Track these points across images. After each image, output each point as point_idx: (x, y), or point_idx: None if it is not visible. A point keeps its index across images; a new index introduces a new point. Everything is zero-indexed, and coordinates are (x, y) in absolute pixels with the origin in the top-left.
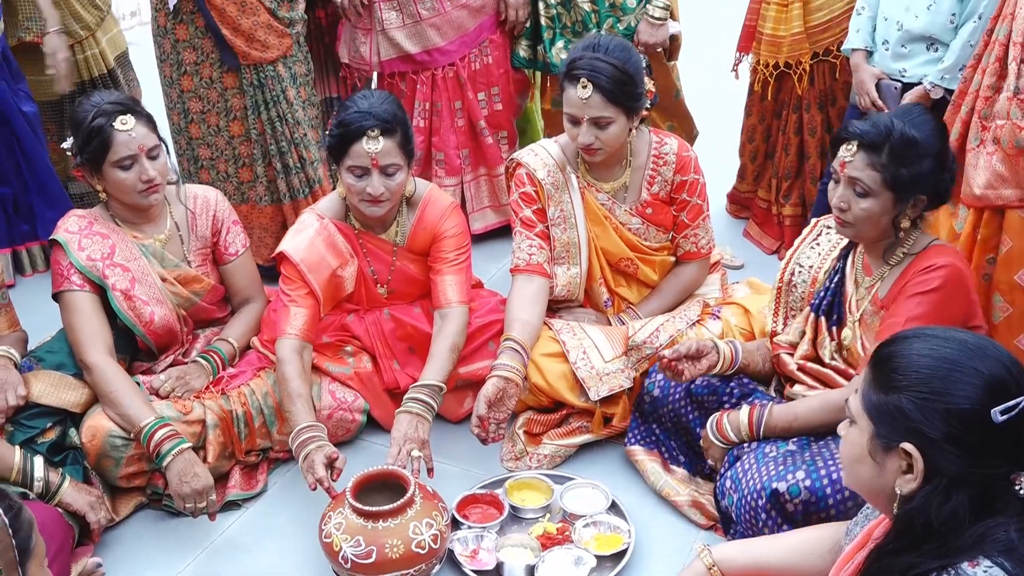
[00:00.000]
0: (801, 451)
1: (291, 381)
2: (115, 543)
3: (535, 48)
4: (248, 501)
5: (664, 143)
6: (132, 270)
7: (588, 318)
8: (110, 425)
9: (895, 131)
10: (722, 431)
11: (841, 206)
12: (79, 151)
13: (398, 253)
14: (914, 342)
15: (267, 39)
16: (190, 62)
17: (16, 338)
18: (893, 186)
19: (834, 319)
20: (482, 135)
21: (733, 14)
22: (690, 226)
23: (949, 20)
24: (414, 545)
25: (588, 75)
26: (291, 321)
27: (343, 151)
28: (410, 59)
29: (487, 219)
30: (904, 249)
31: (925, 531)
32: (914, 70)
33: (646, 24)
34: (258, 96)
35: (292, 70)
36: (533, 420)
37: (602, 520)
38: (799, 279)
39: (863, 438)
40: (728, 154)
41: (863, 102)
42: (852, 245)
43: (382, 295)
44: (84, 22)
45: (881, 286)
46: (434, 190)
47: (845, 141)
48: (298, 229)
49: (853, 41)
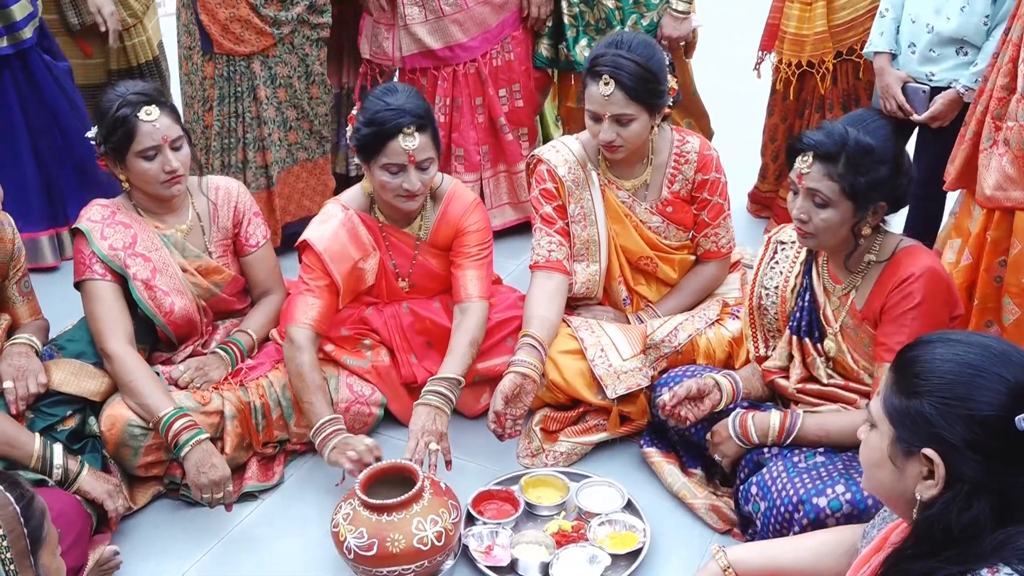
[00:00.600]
0: (832, 462)
1: (308, 372)
2: (132, 532)
3: (556, 47)
4: (265, 492)
5: (686, 141)
6: (153, 260)
7: (607, 316)
8: (129, 414)
9: (850, 139)
10: (745, 430)
11: (801, 217)
12: (103, 140)
13: (420, 247)
14: (937, 347)
15: (242, 33)
16: (186, 46)
17: (38, 326)
18: (852, 195)
19: (816, 336)
20: (502, 132)
21: (749, 12)
22: (710, 225)
23: (983, 22)
24: (416, 541)
25: (611, 72)
26: (306, 311)
27: (377, 149)
28: (432, 55)
29: (505, 216)
30: (872, 256)
31: (945, 537)
32: (943, 74)
33: (669, 18)
34: (225, 88)
35: (272, 70)
36: (550, 417)
37: (617, 519)
38: (768, 301)
39: (883, 442)
40: (749, 153)
41: (889, 106)
42: (813, 256)
43: (403, 289)
44: (132, 9)
45: (856, 296)
46: (458, 185)
47: (800, 152)
48: (323, 219)
49: (877, 44)
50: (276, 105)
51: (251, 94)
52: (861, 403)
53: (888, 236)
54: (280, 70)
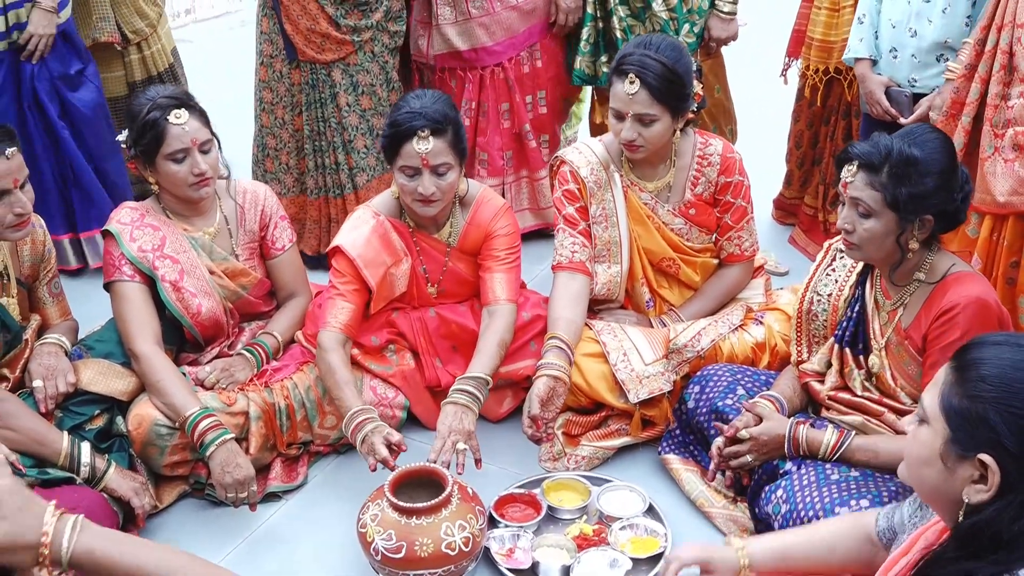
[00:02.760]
0: (865, 480)
1: (338, 370)
2: (158, 530)
3: (596, 63)
4: (288, 493)
5: (709, 144)
6: (181, 262)
7: (629, 320)
8: (156, 414)
9: (894, 150)
10: (797, 444)
11: (846, 227)
12: (133, 143)
13: (451, 253)
14: (1004, 350)
15: (323, 42)
16: (267, 54)
17: (67, 327)
18: (894, 205)
19: (859, 348)
20: (526, 138)
21: (779, 19)
22: (734, 228)
23: (964, 23)
24: (444, 546)
25: (637, 71)
26: (336, 314)
27: (395, 151)
28: (459, 56)
29: (525, 221)
30: (921, 275)
31: (991, 543)
32: (926, 81)
33: (716, 19)
34: (311, 94)
35: (353, 78)
36: (572, 421)
37: (639, 523)
38: (819, 308)
39: (936, 441)
40: (774, 160)
41: (875, 111)
42: (869, 268)
43: (432, 295)
44: (148, 19)
45: (904, 315)
46: (487, 191)
47: (847, 162)
48: (354, 225)
49: (857, 50)
50: (359, 112)
51: (333, 101)
52: (890, 417)
53: (940, 256)
54: (362, 78)
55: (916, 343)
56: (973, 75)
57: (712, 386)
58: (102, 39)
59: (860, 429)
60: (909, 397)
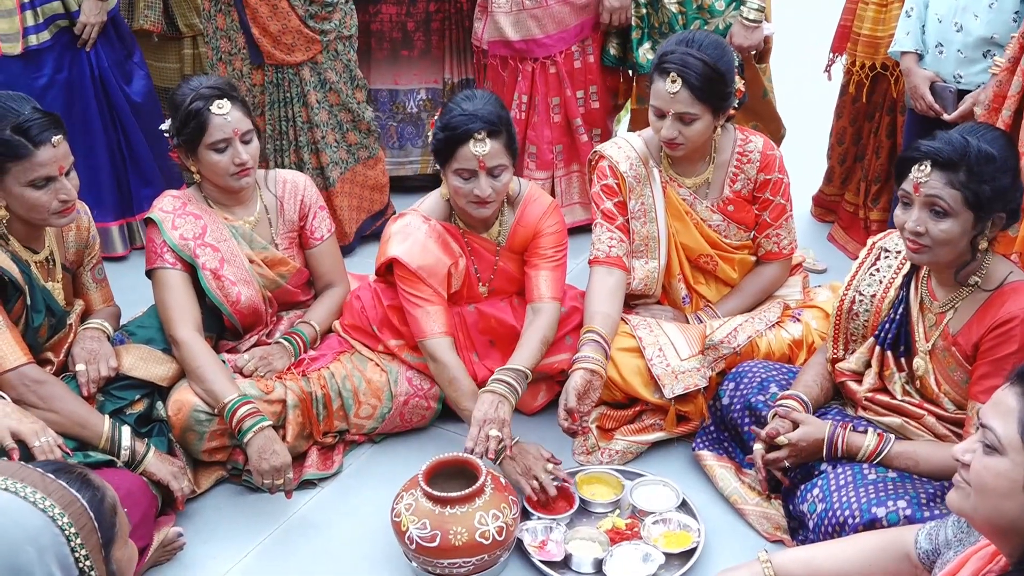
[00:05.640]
0: (903, 481)
1: (462, 380)
2: (195, 515)
3: (624, 47)
4: (324, 481)
5: (749, 140)
6: (222, 251)
7: (665, 315)
8: (195, 400)
9: (971, 147)
10: (835, 448)
11: (918, 230)
12: (176, 133)
13: (500, 253)
14: None
15: (294, 43)
16: (225, 51)
17: (110, 312)
18: (975, 204)
19: (901, 350)
20: (577, 132)
21: (822, 14)
22: (772, 225)
23: (1012, 18)
24: (478, 535)
25: (678, 70)
26: (432, 321)
27: (450, 154)
28: (510, 45)
29: (575, 215)
30: (978, 277)
31: None
32: (971, 78)
33: (740, 27)
34: (275, 94)
35: (321, 76)
36: (606, 415)
37: (672, 518)
38: (860, 308)
39: (1016, 472)
40: (814, 156)
41: (919, 106)
42: (915, 269)
43: (483, 294)
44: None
45: (953, 319)
46: (534, 188)
47: (916, 161)
48: (406, 233)
49: (903, 44)
50: (328, 108)
51: (301, 99)
52: (929, 420)
53: (997, 262)
54: (329, 76)
55: (964, 350)
56: (1016, 68)
57: (747, 383)
58: (145, 27)
59: (899, 431)
60: (952, 403)
